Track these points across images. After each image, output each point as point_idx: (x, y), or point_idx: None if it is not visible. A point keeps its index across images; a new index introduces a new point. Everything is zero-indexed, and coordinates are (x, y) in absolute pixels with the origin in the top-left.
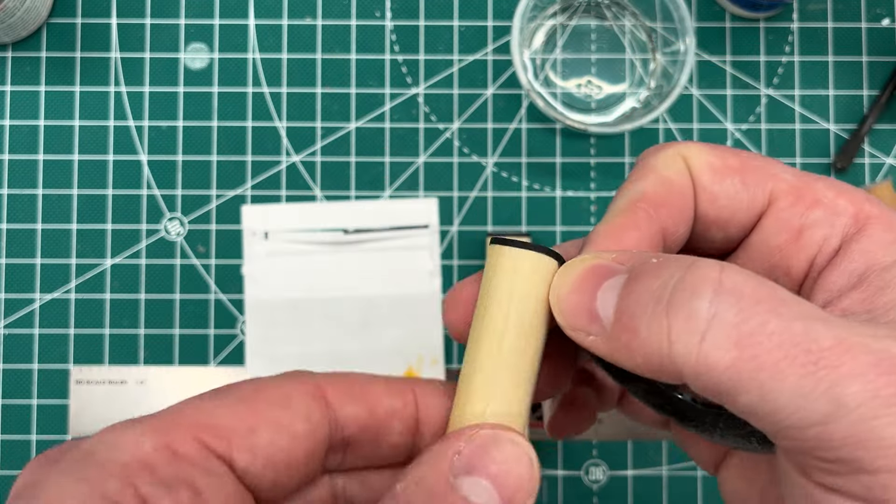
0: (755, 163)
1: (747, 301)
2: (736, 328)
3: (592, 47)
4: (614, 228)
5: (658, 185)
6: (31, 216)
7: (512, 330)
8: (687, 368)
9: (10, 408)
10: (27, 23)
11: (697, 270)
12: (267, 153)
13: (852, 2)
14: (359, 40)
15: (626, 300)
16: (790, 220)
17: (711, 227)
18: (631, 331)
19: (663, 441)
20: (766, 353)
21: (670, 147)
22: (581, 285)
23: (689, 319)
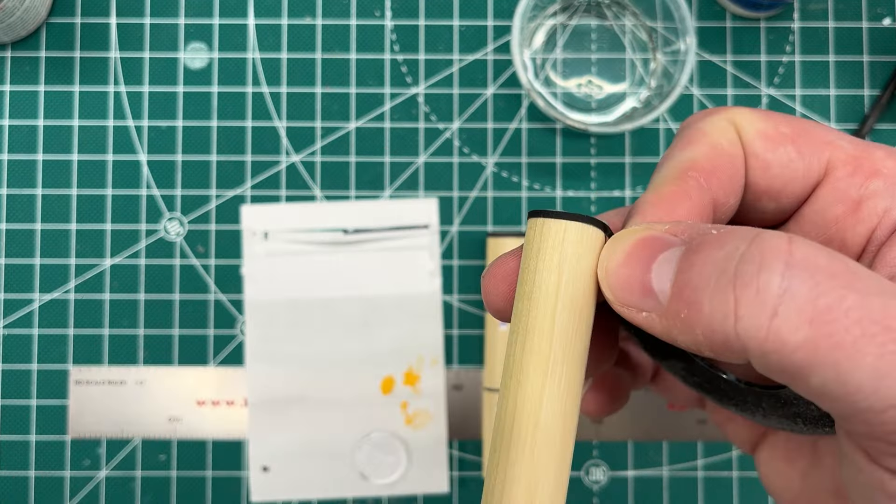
0: (811, 130)
1: (822, 275)
2: (811, 303)
3: (593, 47)
4: (664, 198)
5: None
6: (30, 216)
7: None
8: (754, 346)
9: (9, 408)
10: (26, 22)
11: (765, 242)
12: (266, 153)
13: (853, 1)
14: (359, 40)
15: (686, 273)
16: (848, 191)
17: (763, 198)
18: (692, 306)
19: (664, 442)
20: (844, 330)
21: (720, 112)
22: (633, 258)
23: (758, 294)
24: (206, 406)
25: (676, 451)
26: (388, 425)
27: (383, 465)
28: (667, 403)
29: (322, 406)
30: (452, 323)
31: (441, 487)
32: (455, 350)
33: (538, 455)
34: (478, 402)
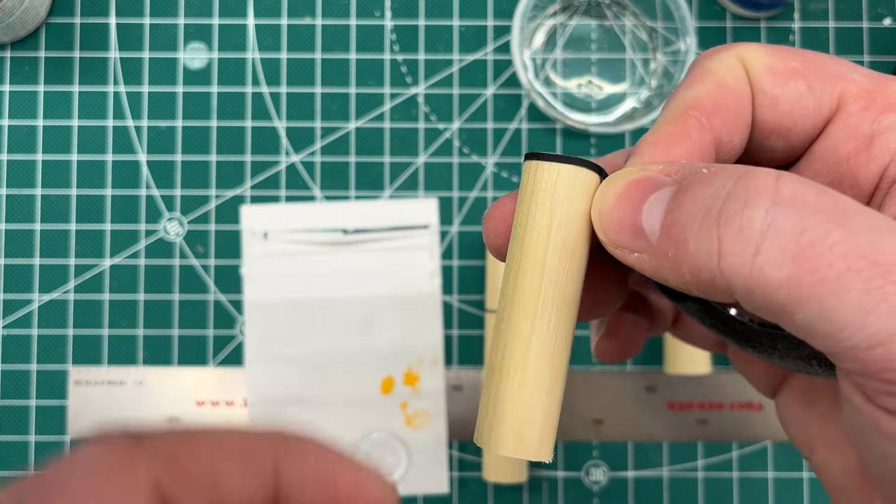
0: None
1: (807, 210)
2: (794, 239)
3: (593, 47)
4: (663, 138)
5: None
6: (29, 216)
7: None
8: (739, 284)
9: (8, 409)
10: (26, 22)
11: (752, 179)
12: (266, 153)
13: (853, 1)
14: (358, 40)
15: (673, 213)
16: (860, 127)
17: (771, 136)
18: (678, 245)
19: (664, 442)
20: (828, 266)
21: (728, 48)
22: (625, 199)
23: (742, 231)
24: (206, 406)
25: (676, 452)
26: (387, 426)
27: (383, 465)
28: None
29: (322, 406)
30: (452, 323)
31: (441, 488)
32: (455, 350)
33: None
34: (478, 402)
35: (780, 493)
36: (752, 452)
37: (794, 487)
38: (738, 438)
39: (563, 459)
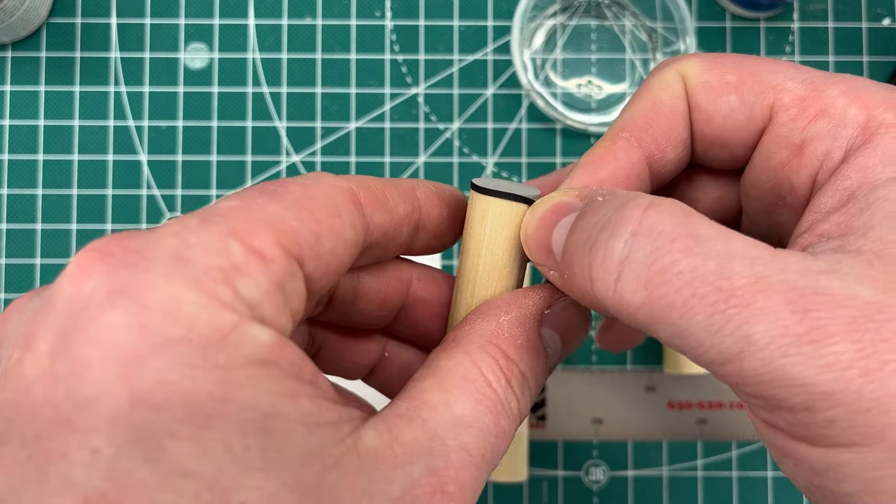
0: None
1: (662, 240)
2: (646, 268)
3: (593, 47)
4: (591, 161)
5: (646, 108)
6: (30, 216)
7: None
8: (609, 306)
9: None
10: (27, 22)
11: (623, 210)
12: (267, 153)
13: (853, 1)
14: (359, 40)
15: (569, 238)
16: (790, 136)
17: (713, 147)
18: (569, 267)
19: (663, 441)
20: (675, 292)
21: (671, 63)
22: (542, 222)
23: (604, 260)
24: None
25: (676, 451)
26: None
27: None
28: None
29: None
30: None
31: None
32: None
33: None
34: None
35: (779, 492)
36: (752, 452)
37: (794, 487)
38: (737, 438)
39: (563, 459)
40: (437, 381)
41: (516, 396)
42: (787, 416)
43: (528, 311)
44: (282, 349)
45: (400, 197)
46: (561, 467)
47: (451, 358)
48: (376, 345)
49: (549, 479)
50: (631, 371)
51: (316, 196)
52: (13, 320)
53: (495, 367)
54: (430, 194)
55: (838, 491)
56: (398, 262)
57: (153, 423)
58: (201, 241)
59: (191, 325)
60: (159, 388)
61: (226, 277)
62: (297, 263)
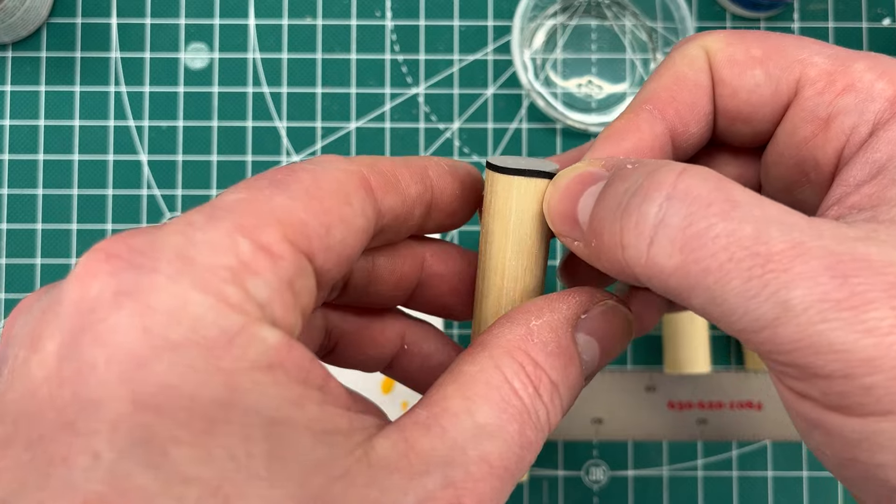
0: (784, 48)
1: (697, 204)
2: (681, 232)
3: (593, 47)
4: (615, 132)
5: (670, 82)
6: (31, 216)
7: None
8: (640, 272)
9: None
10: (27, 22)
11: (656, 175)
12: (267, 153)
13: (853, 1)
14: (359, 40)
15: (597, 206)
16: (816, 110)
17: (735, 122)
18: (597, 235)
19: (664, 441)
20: (711, 256)
21: (695, 39)
22: (566, 192)
23: (637, 224)
24: None
25: (676, 451)
26: None
27: None
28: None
29: None
30: (452, 322)
31: None
32: None
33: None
34: None
35: (779, 492)
36: (752, 451)
37: (794, 486)
38: (737, 437)
39: (564, 459)
40: (459, 388)
41: (545, 406)
42: (822, 384)
43: (561, 315)
44: (290, 352)
45: (412, 178)
46: (561, 467)
47: (475, 363)
48: (394, 336)
49: (550, 478)
50: (631, 371)
51: (325, 184)
52: (21, 320)
53: (521, 374)
54: (442, 173)
55: (871, 462)
56: (410, 240)
57: (155, 428)
58: (208, 239)
59: (195, 326)
60: (162, 392)
61: (234, 277)
62: (306, 259)
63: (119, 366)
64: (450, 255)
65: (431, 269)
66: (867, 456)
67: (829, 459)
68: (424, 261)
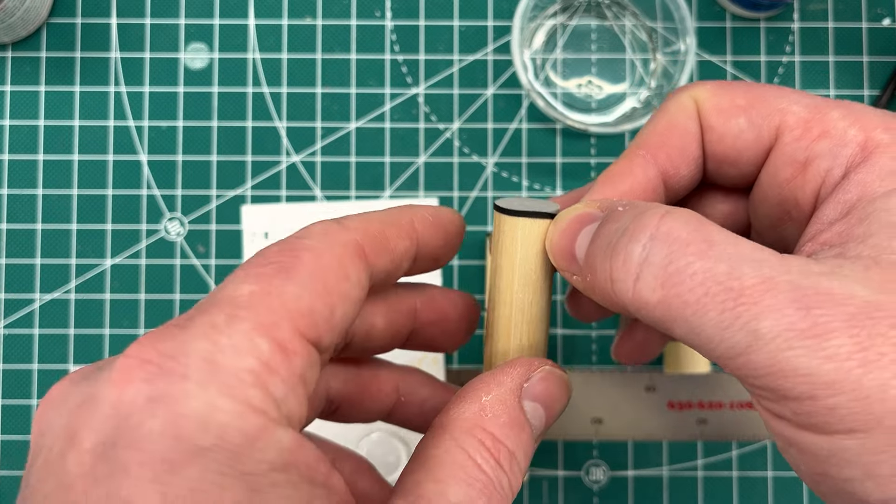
0: (766, 98)
1: (677, 244)
2: (663, 269)
3: (593, 47)
4: (611, 176)
5: (661, 128)
6: (30, 216)
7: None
8: (628, 304)
9: (9, 408)
10: (27, 23)
11: (642, 218)
12: (267, 153)
13: (853, 2)
14: (359, 40)
15: (591, 244)
16: (795, 154)
17: (723, 165)
18: (591, 270)
19: (664, 442)
20: (689, 291)
21: (686, 89)
22: (566, 231)
23: (625, 262)
24: None
25: (676, 451)
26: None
27: (383, 464)
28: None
29: None
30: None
31: None
32: None
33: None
34: None
35: (779, 492)
36: (752, 452)
37: (794, 487)
38: (737, 438)
39: (563, 459)
40: (429, 473)
41: (506, 474)
42: (792, 405)
43: (507, 388)
44: (301, 451)
45: (399, 235)
46: (561, 467)
47: (439, 446)
48: (390, 390)
49: (550, 479)
50: (631, 371)
51: (326, 262)
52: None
53: (482, 450)
54: (427, 224)
55: (839, 476)
56: (401, 291)
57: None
58: (231, 343)
59: (222, 432)
60: (190, 496)
61: (257, 379)
62: (315, 349)
63: (151, 470)
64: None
65: (423, 316)
66: (836, 471)
67: (805, 475)
68: (416, 310)
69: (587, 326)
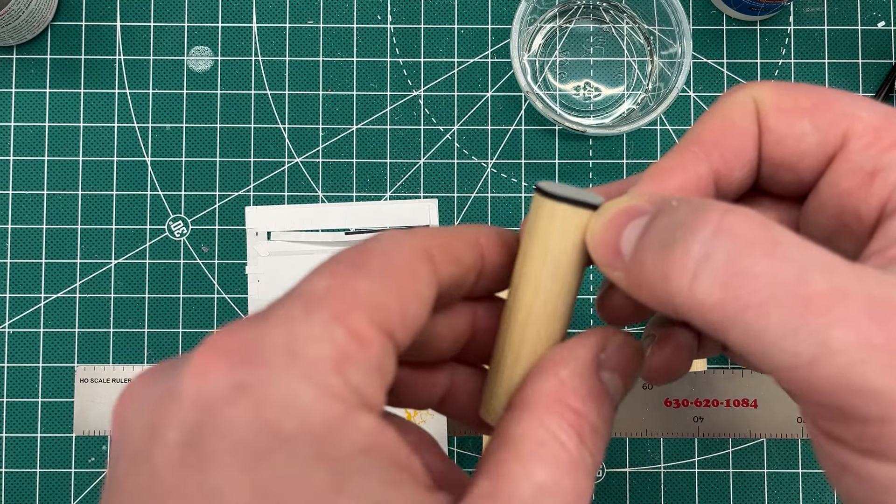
0: (832, 102)
1: (741, 242)
2: (724, 268)
3: (591, 50)
4: (660, 170)
5: (717, 126)
6: (36, 217)
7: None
8: (680, 305)
9: (15, 405)
10: (32, 25)
11: (701, 212)
12: (269, 155)
13: (848, 4)
14: (360, 44)
15: (642, 238)
16: (862, 163)
17: (780, 170)
18: (640, 266)
19: (661, 439)
20: (751, 293)
21: (745, 87)
22: (611, 224)
23: (682, 258)
24: None
25: (673, 448)
26: None
27: None
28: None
29: None
30: None
31: None
32: None
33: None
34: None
35: (775, 488)
36: (748, 448)
37: (790, 483)
38: (733, 435)
39: None
40: (512, 453)
41: (589, 449)
42: (857, 427)
43: (583, 360)
44: (383, 434)
45: (466, 247)
46: None
47: (520, 424)
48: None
49: None
50: None
51: (396, 262)
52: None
53: (564, 426)
54: (491, 240)
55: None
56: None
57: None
58: (308, 332)
59: (305, 418)
60: (278, 482)
61: (335, 367)
62: (390, 340)
63: (239, 458)
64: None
65: (482, 323)
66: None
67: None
68: (476, 317)
69: (585, 324)
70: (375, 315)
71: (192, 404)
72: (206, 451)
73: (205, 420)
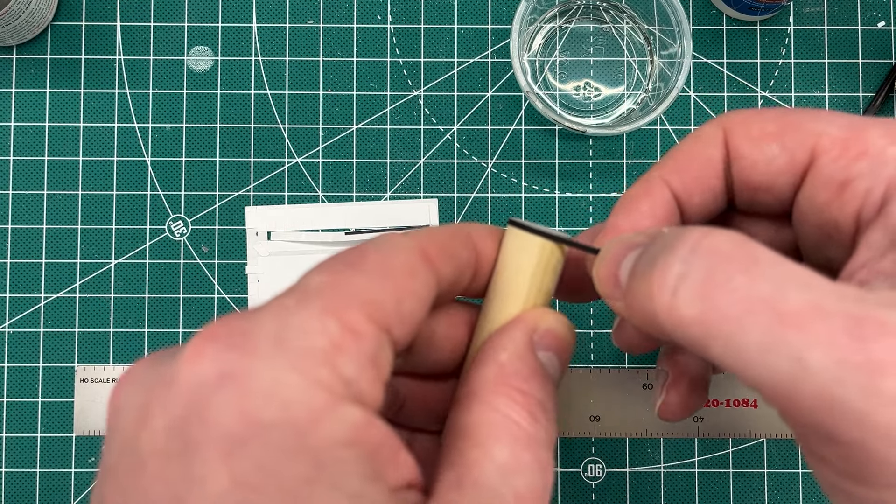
0: (799, 123)
1: (718, 259)
2: (702, 283)
3: (591, 50)
4: (629, 197)
5: (682, 155)
6: (36, 217)
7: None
8: (664, 322)
9: (15, 405)
10: (32, 25)
11: (683, 234)
12: (270, 155)
13: (848, 4)
14: (360, 44)
15: (634, 265)
16: (833, 175)
17: (758, 192)
18: (632, 291)
19: (661, 438)
20: (729, 306)
21: (714, 120)
22: (611, 258)
23: (662, 275)
24: None
25: (673, 448)
26: None
27: None
28: None
29: None
30: None
31: None
32: None
33: None
34: None
35: (775, 488)
36: (748, 448)
37: (790, 483)
38: (733, 435)
39: (561, 455)
40: (469, 440)
41: (542, 425)
42: (841, 450)
43: (519, 342)
44: (369, 427)
45: (461, 244)
46: (559, 464)
47: (471, 412)
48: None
49: None
50: (628, 369)
51: (392, 260)
52: (129, 391)
53: (514, 406)
54: (484, 237)
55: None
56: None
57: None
58: (300, 323)
59: (287, 407)
60: (257, 471)
61: (326, 358)
62: (385, 334)
63: (220, 447)
64: None
65: None
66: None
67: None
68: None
69: (585, 325)
70: (370, 309)
71: (182, 391)
72: (189, 438)
73: (192, 407)
